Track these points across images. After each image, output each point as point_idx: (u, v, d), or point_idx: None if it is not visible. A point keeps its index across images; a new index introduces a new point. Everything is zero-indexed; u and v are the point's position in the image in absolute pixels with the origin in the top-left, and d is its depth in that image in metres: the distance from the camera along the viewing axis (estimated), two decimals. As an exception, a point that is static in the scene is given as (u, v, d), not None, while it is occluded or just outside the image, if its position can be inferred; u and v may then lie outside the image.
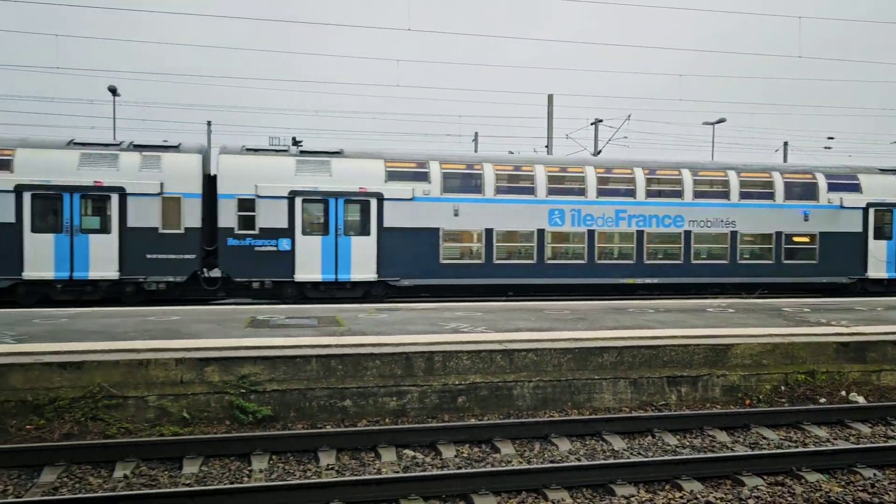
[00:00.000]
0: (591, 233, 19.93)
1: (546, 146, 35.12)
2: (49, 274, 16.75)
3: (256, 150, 18.64)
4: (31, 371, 7.89)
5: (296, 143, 27.61)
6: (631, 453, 7.47)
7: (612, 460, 7.11)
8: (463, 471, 6.63)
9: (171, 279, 17.40)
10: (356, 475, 6.64)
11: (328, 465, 6.93)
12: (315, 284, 18.30)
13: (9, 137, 17.99)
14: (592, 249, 19.95)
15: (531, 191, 19.68)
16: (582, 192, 19.98)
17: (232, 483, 6.47)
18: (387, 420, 8.48)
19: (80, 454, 6.91)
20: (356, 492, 5.97)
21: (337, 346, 9.04)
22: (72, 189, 16.81)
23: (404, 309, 13.54)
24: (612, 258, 20.36)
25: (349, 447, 7.38)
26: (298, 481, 6.30)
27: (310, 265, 18.06)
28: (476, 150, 42.98)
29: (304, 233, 18.03)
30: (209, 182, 18.27)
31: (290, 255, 17.98)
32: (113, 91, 32.44)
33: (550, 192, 19.73)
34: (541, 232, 19.61)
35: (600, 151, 37.15)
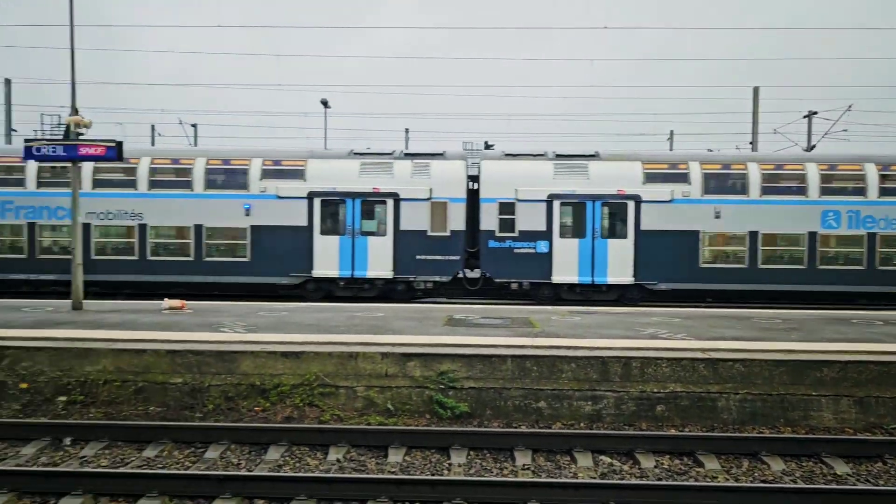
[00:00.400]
0: (871, 236, 18.24)
1: (750, 142, 32.73)
2: (334, 272, 18.42)
3: (516, 156, 19.25)
4: (259, 358, 8.78)
5: (488, 146, 28.13)
6: (857, 480, 6.73)
7: (834, 486, 6.46)
8: (665, 482, 6.38)
9: (437, 279, 18.46)
10: (553, 477, 6.64)
11: (524, 465, 6.99)
12: (571, 286, 18.55)
13: (301, 149, 19.79)
14: (873, 254, 18.24)
15: (801, 191, 18.34)
16: (861, 191, 18.33)
17: (433, 475, 6.74)
18: (581, 424, 8.37)
19: (299, 436, 7.57)
20: (554, 494, 5.97)
21: (532, 346, 9.09)
22: (353, 195, 18.32)
23: (599, 312, 13.30)
24: None
25: (544, 448, 7.39)
26: (497, 478, 6.42)
27: (567, 267, 18.32)
28: (671, 149, 41.10)
29: (562, 235, 18.34)
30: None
31: (548, 257, 18.35)
32: (325, 104, 35.17)
33: (824, 191, 18.30)
34: (812, 235, 18.23)
35: (814, 146, 33.92)
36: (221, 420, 8.33)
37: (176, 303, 13.15)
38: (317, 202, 18.32)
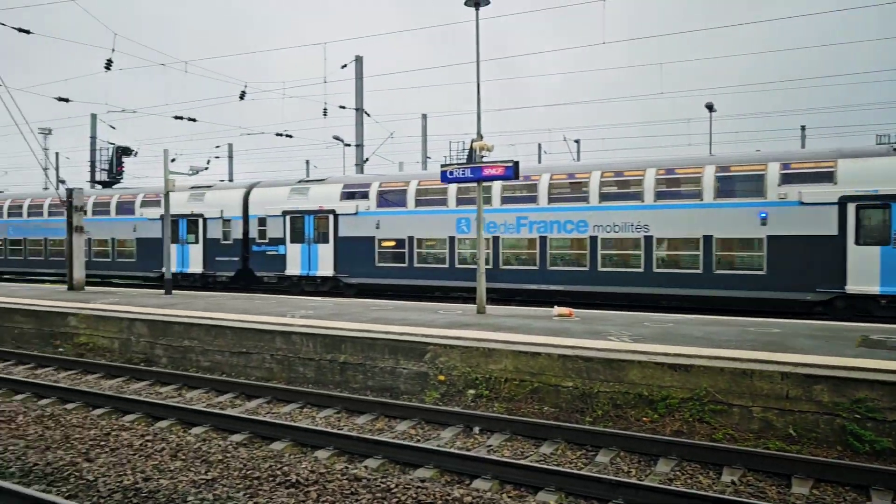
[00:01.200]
0: None
1: None
2: (874, 288, 16.00)
3: None
4: (646, 368, 8.76)
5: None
6: None
7: None
8: None
9: None
10: None
11: (976, 523, 5.71)
12: None
13: (827, 149, 18.01)
14: None
15: None
16: None
17: (849, 515, 5.93)
18: None
19: (690, 452, 7.34)
20: None
21: (983, 379, 7.39)
22: None
23: None
24: None
25: None
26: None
27: None
28: None
29: None
30: None
31: None
32: (710, 108, 33.61)
33: None
34: None
35: None
36: (610, 426, 8.52)
37: (565, 310, 13.87)
38: (851, 208, 16.13)
